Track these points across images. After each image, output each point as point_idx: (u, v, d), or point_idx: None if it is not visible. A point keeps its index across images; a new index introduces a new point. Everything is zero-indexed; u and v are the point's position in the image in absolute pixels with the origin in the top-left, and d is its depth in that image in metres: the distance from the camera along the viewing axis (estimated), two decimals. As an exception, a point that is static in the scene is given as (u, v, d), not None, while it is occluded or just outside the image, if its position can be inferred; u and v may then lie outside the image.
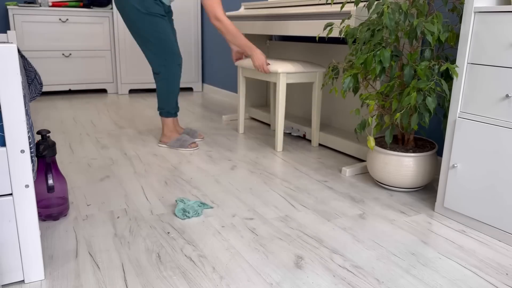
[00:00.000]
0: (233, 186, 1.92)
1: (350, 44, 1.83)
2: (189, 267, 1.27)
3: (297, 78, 2.43)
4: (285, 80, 2.38)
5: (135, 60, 4.36)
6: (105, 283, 1.19)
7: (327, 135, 2.49)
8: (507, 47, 1.38)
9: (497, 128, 1.43)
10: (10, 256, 1.15)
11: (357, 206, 1.73)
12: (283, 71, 2.35)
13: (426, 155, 1.81)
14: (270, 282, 1.20)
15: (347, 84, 1.82)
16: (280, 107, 2.40)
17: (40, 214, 1.53)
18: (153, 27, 2.28)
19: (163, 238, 1.44)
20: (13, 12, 3.85)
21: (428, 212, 1.68)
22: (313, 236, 1.47)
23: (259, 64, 2.40)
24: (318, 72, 2.47)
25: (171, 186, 1.91)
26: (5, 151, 1.08)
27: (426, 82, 1.59)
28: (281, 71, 2.35)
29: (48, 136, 1.53)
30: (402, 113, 1.68)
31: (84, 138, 2.69)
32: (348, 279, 1.22)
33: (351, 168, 2.09)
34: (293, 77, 2.41)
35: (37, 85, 1.76)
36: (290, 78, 2.40)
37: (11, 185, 1.10)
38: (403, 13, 1.65)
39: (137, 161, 2.25)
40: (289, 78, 2.40)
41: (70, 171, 2.09)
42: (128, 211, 1.65)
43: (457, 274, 1.26)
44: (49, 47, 4.07)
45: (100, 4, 4.22)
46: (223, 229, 1.51)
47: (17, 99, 1.06)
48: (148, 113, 3.46)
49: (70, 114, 3.39)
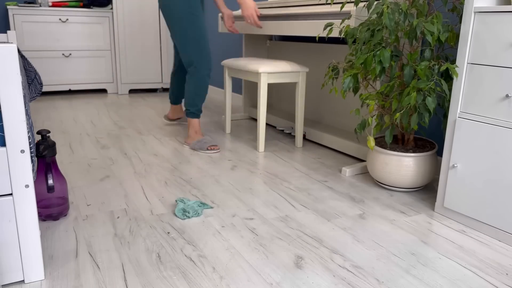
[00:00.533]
0: (233, 186, 1.92)
1: (350, 44, 1.83)
2: (189, 267, 1.27)
3: (279, 78, 2.41)
4: (266, 80, 2.36)
5: (135, 60, 4.36)
6: (105, 283, 1.19)
7: (327, 135, 2.49)
8: (507, 47, 1.38)
9: (497, 128, 1.43)
10: (10, 256, 1.15)
11: (357, 206, 1.73)
12: (264, 70, 2.34)
13: (426, 155, 1.81)
14: (270, 282, 1.20)
15: (347, 84, 1.82)
16: (261, 107, 2.39)
17: (40, 214, 1.53)
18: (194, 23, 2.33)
19: (163, 238, 1.44)
20: (13, 12, 3.85)
21: (428, 212, 1.68)
22: (313, 236, 1.47)
23: (247, 15, 2.27)
24: (301, 73, 2.45)
25: (171, 186, 1.91)
26: (5, 151, 1.08)
27: (426, 82, 1.59)
28: (261, 70, 2.34)
29: (48, 136, 1.53)
30: (402, 113, 1.68)
31: (84, 138, 2.69)
32: (348, 279, 1.22)
33: (351, 168, 2.09)
34: (274, 77, 2.39)
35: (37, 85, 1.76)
36: (272, 78, 2.38)
37: (11, 185, 1.10)
38: (403, 13, 1.65)
39: (137, 161, 2.25)
40: (270, 78, 2.38)
41: (70, 171, 2.09)
42: (128, 211, 1.65)
43: (457, 274, 1.26)
44: (49, 47, 4.07)
45: (100, 4, 4.22)
46: (223, 229, 1.51)
47: (17, 99, 1.06)
48: (148, 113, 3.46)
49: (70, 114, 3.39)
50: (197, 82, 2.41)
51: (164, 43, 4.44)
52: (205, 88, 2.44)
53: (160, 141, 2.63)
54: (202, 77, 2.40)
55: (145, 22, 4.31)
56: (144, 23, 4.31)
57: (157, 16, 4.35)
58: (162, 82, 4.54)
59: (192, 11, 2.30)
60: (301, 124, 2.52)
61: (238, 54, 4.04)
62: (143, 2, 4.26)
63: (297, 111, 2.49)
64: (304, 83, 2.46)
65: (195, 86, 2.42)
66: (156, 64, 4.47)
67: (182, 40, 2.35)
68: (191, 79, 2.42)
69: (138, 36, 4.32)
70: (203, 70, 2.39)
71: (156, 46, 4.42)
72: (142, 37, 4.34)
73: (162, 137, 2.72)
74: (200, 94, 2.44)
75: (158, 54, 4.45)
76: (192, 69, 2.40)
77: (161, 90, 4.68)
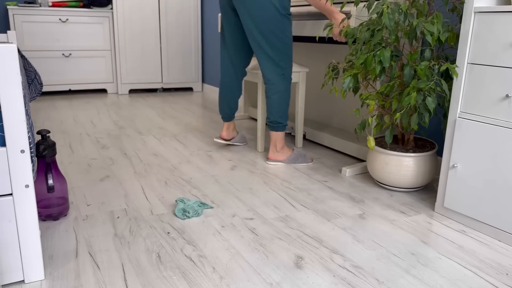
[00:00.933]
0: (233, 186, 1.92)
1: (350, 44, 1.83)
2: (189, 267, 1.27)
3: None
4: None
5: (135, 60, 4.36)
6: (105, 283, 1.19)
7: (327, 135, 2.49)
8: (507, 47, 1.38)
9: (497, 128, 1.43)
10: (10, 256, 1.15)
11: (357, 206, 1.73)
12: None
13: (426, 155, 1.81)
14: (270, 282, 1.20)
15: (347, 84, 1.82)
16: (261, 107, 2.39)
17: (40, 214, 1.53)
18: (286, 29, 2.08)
19: (163, 238, 1.44)
20: (13, 12, 3.85)
21: (428, 212, 1.68)
22: (313, 236, 1.47)
23: (334, 34, 2.09)
24: (301, 73, 2.45)
25: (171, 186, 1.91)
26: (5, 151, 1.08)
27: (426, 82, 1.59)
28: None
29: (48, 136, 1.53)
30: (402, 113, 1.68)
31: (84, 138, 2.69)
32: (348, 279, 1.22)
33: (351, 168, 2.09)
34: None
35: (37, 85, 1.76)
36: None
37: (11, 185, 1.10)
38: (402, 13, 1.64)
39: (137, 161, 2.25)
40: None
41: (70, 171, 2.09)
42: (128, 211, 1.65)
43: (457, 274, 1.26)
44: (49, 47, 4.07)
45: (100, 4, 4.22)
46: (223, 229, 1.51)
47: (17, 99, 1.06)
48: (148, 113, 3.46)
49: (70, 114, 3.39)
50: (288, 92, 2.18)
51: (164, 43, 4.44)
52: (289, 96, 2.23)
53: (160, 141, 2.63)
54: (289, 85, 2.19)
55: (145, 22, 4.31)
56: (144, 23, 4.31)
57: (157, 16, 4.35)
58: (162, 82, 4.54)
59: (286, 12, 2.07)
60: (301, 124, 2.52)
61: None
62: (143, 2, 4.26)
63: (297, 111, 2.49)
64: (304, 83, 2.46)
65: (286, 95, 2.19)
66: (156, 64, 4.47)
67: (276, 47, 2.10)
68: (282, 89, 2.16)
69: (138, 36, 4.32)
70: (290, 77, 2.18)
71: (156, 46, 4.42)
72: (142, 37, 4.34)
73: (162, 137, 2.72)
74: (288, 103, 2.23)
75: (158, 54, 4.45)
76: (281, 78, 2.14)
77: (161, 90, 4.68)
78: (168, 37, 4.45)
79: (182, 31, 4.48)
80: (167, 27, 4.41)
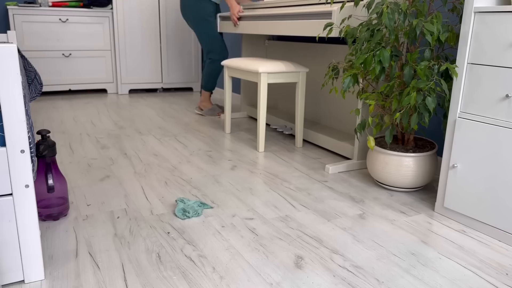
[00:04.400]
0: (233, 186, 1.92)
1: (350, 44, 1.83)
2: (189, 267, 1.27)
3: (279, 78, 2.41)
4: (266, 80, 2.37)
5: (135, 60, 4.36)
6: (105, 283, 1.19)
7: (327, 135, 2.49)
8: (507, 47, 1.38)
9: (497, 128, 1.43)
10: (10, 256, 1.15)
11: (357, 206, 1.73)
12: (263, 70, 2.34)
13: (426, 155, 1.81)
14: (270, 282, 1.20)
15: (347, 84, 1.82)
16: (261, 107, 2.39)
17: (40, 214, 1.53)
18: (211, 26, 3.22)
19: (163, 238, 1.44)
20: (13, 12, 3.85)
21: (428, 212, 1.68)
22: (313, 236, 1.47)
23: (231, 14, 2.98)
24: (301, 73, 2.45)
25: (171, 186, 1.91)
26: (5, 151, 1.08)
27: (426, 82, 1.59)
28: (261, 70, 2.34)
29: (48, 136, 1.53)
30: (402, 113, 1.68)
31: (84, 138, 2.69)
32: (348, 279, 1.22)
33: (334, 166, 2.12)
34: (274, 77, 2.40)
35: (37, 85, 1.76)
36: (272, 78, 2.39)
37: (11, 185, 1.10)
38: (402, 13, 1.65)
39: (137, 161, 2.25)
40: (270, 78, 2.39)
41: (70, 171, 2.09)
42: (128, 211, 1.65)
43: (457, 274, 1.26)
44: (49, 47, 4.07)
45: (100, 4, 4.22)
46: (223, 229, 1.51)
47: (17, 99, 1.06)
48: (148, 113, 3.46)
49: (70, 114, 3.39)
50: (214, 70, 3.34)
51: (164, 43, 4.44)
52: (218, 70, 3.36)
53: (160, 141, 2.63)
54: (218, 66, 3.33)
55: (145, 22, 4.31)
56: (144, 23, 4.31)
57: (157, 16, 4.35)
58: (162, 82, 4.54)
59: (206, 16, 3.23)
60: (301, 124, 2.52)
61: (237, 54, 4.04)
62: (143, 2, 4.26)
63: (297, 111, 2.49)
64: (304, 83, 2.46)
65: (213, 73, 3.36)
66: (156, 64, 4.47)
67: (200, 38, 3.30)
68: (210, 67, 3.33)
69: (138, 36, 4.32)
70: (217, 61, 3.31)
71: (156, 46, 4.42)
72: (142, 37, 4.34)
73: (162, 137, 2.72)
74: (215, 78, 3.40)
75: (158, 54, 4.45)
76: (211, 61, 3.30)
77: (161, 90, 4.68)
78: (168, 37, 4.45)
79: (182, 31, 4.48)
80: (167, 27, 4.41)
